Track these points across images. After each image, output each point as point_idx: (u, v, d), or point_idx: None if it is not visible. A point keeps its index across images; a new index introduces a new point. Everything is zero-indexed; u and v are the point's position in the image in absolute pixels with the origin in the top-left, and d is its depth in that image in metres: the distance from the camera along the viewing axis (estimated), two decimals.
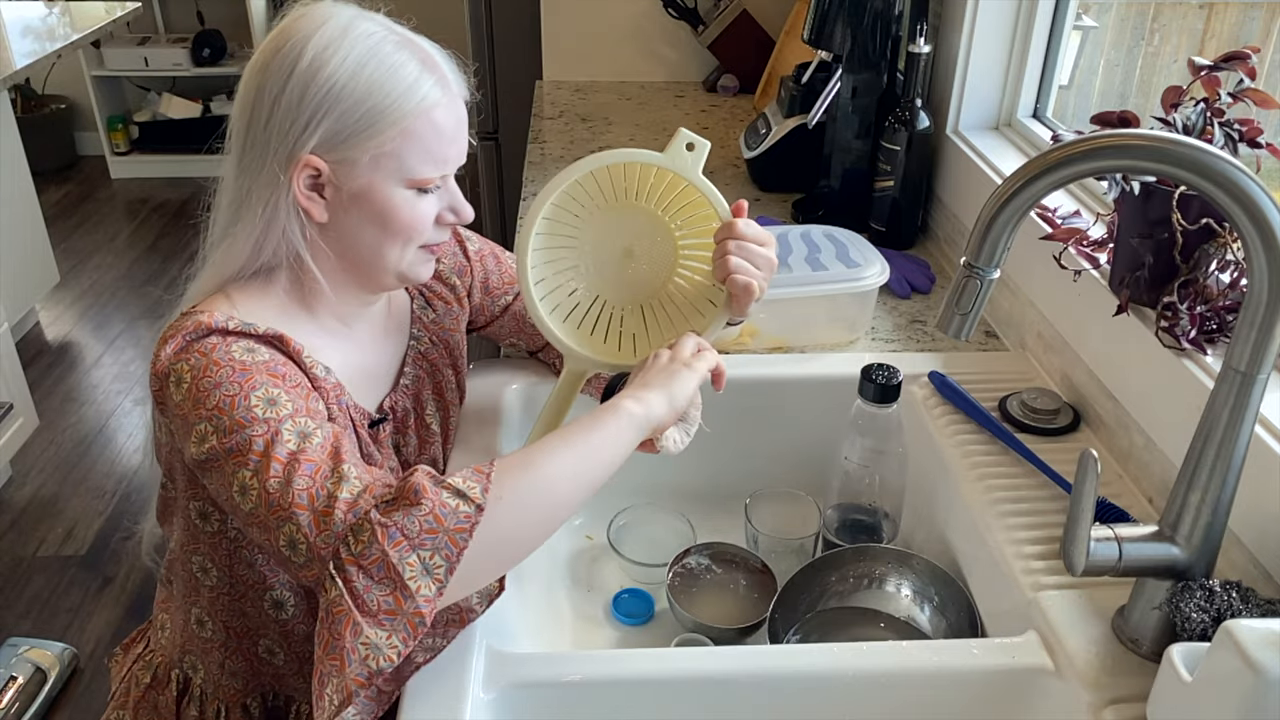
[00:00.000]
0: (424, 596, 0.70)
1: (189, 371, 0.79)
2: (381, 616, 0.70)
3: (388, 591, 0.70)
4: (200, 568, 0.92)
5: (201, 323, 0.81)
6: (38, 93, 4.42)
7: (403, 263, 0.89)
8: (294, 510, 0.73)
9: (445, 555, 0.71)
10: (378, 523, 0.71)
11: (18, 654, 1.98)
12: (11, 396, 2.52)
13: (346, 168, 0.83)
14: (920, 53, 1.41)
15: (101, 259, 3.81)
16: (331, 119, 0.81)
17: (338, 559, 0.71)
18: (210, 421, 0.77)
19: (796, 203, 1.64)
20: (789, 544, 1.08)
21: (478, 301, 1.09)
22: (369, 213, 0.85)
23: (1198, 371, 0.89)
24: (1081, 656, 0.79)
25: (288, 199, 0.83)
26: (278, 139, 0.82)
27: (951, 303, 0.77)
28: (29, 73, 2.81)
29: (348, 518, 0.73)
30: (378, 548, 0.70)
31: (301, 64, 0.81)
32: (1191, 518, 0.75)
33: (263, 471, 0.75)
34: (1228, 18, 1.32)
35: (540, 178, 1.77)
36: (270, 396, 0.79)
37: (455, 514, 0.72)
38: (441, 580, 0.71)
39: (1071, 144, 0.69)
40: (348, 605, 0.70)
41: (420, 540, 0.71)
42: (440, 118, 0.84)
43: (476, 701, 0.77)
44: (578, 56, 2.32)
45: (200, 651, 0.96)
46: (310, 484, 0.74)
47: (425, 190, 0.86)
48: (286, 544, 0.74)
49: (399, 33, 0.85)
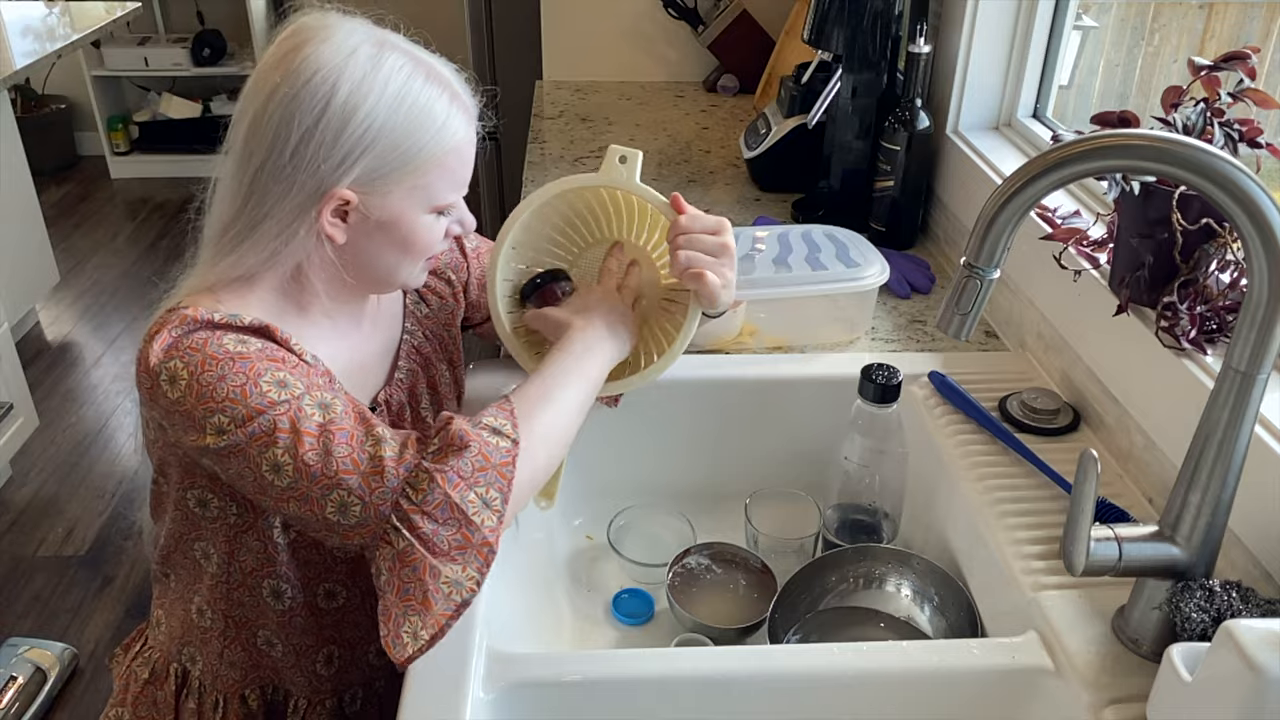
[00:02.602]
0: (489, 527, 0.77)
1: (185, 368, 0.79)
2: (454, 553, 0.76)
3: (455, 530, 0.76)
4: (203, 554, 0.92)
5: (187, 316, 0.81)
6: (38, 93, 4.42)
7: (411, 276, 0.92)
8: (341, 476, 0.77)
9: (499, 488, 0.78)
10: (434, 469, 0.77)
11: (18, 654, 1.98)
12: (11, 396, 2.52)
13: (378, 199, 0.85)
14: (920, 53, 1.41)
15: (101, 259, 3.81)
16: (369, 158, 0.82)
17: (399, 510, 0.76)
18: (225, 414, 0.78)
19: (796, 203, 1.64)
20: (789, 544, 1.08)
21: (474, 298, 1.09)
22: (394, 237, 0.88)
23: (1198, 371, 0.89)
24: (1081, 656, 0.79)
25: (309, 225, 0.84)
26: (307, 173, 0.81)
27: (951, 303, 0.77)
28: (29, 73, 2.81)
29: (400, 472, 0.78)
30: (440, 492, 0.76)
31: (336, 101, 0.80)
32: (1191, 518, 0.75)
33: (297, 447, 0.77)
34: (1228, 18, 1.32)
35: (540, 178, 1.77)
36: (278, 379, 0.80)
37: (498, 450, 0.79)
38: (499, 510, 0.78)
39: (1071, 144, 0.69)
40: (420, 552, 0.75)
41: (475, 479, 0.77)
42: (467, 150, 0.88)
43: (476, 701, 0.77)
44: (578, 56, 2.32)
45: (199, 642, 0.96)
46: (350, 450, 0.78)
47: (444, 212, 0.90)
48: (335, 509, 0.77)
49: (424, 62, 0.85)
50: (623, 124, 2.05)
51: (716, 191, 1.72)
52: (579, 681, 0.80)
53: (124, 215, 4.21)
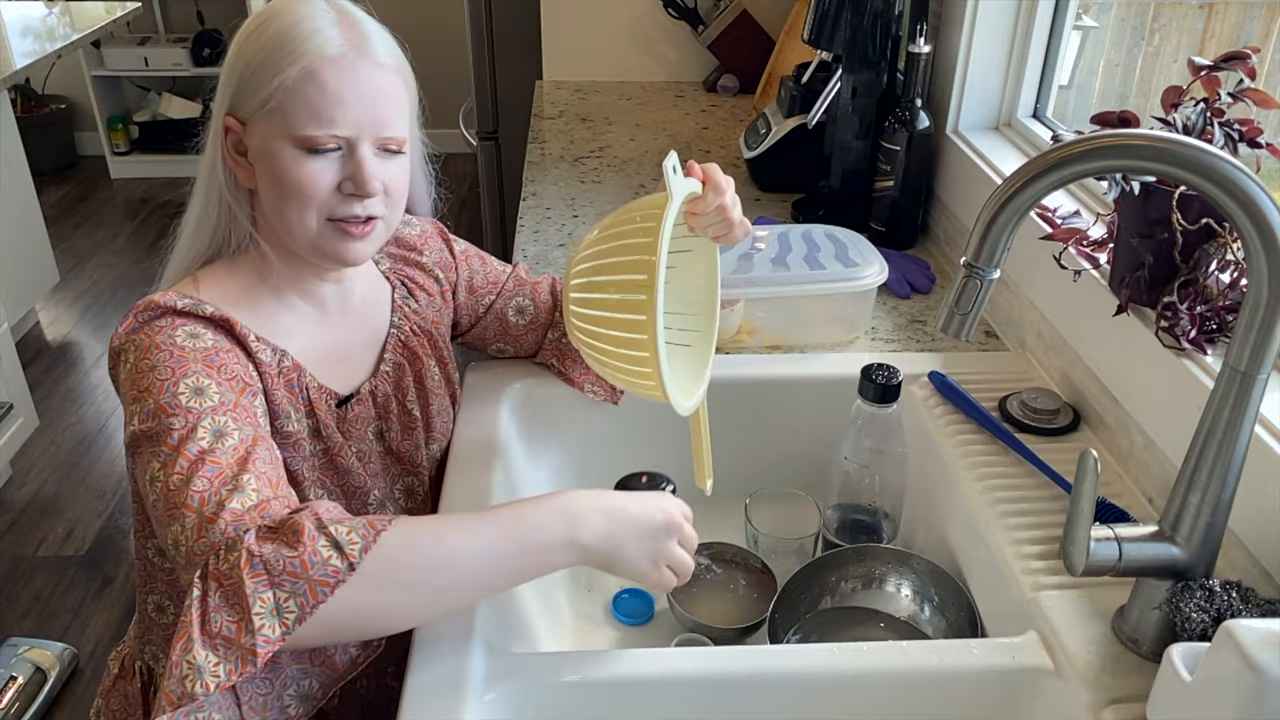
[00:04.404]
0: (264, 636, 0.67)
1: (134, 350, 0.81)
2: (218, 641, 0.68)
3: (233, 619, 0.68)
4: (156, 550, 0.92)
5: (153, 301, 0.83)
6: (38, 93, 4.42)
7: (309, 232, 0.86)
8: (184, 511, 0.73)
9: (300, 603, 0.68)
10: (247, 547, 0.69)
11: (18, 654, 1.98)
12: (11, 396, 2.52)
13: (250, 125, 0.85)
14: (920, 53, 1.41)
15: (101, 259, 3.81)
16: (236, 73, 0.85)
17: (204, 569, 0.70)
18: (139, 403, 0.78)
19: (796, 203, 1.64)
20: (789, 544, 1.08)
21: (462, 300, 1.09)
22: (267, 173, 0.85)
23: (1198, 371, 0.89)
24: (1081, 656, 0.79)
25: (223, 166, 0.87)
26: (215, 108, 0.87)
27: (951, 303, 0.77)
28: (29, 73, 2.81)
29: (228, 530, 0.71)
30: (237, 573, 0.68)
31: (236, 33, 0.86)
32: (1191, 518, 0.75)
33: (170, 466, 0.75)
34: (1228, 18, 1.32)
35: (540, 177, 1.77)
36: (199, 386, 0.79)
37: (324, 565, 0.69)
38: (289, 626, 0.68)
39: (1071, 144, 0.69)
40: (191, 617, 0.68)
41: (280, 580, 0.68)
42: (327, 72, 0.82)
43: (476, 701, 0.77)
44: (578, 56, 2.32)
45: (160, 641, 0.96)
46: (207, 486, 0.74)
47: (316, 151, 0.83)
48: (172, 542, 0.73)
49: (338, 5, 0.86)
50: (623, 124, 2.05)
51: None
52: (579, 681, 0.80)
53: (124, 215, 4.21)
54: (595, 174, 1.79)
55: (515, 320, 1.12)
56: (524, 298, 1.12)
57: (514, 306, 1.11)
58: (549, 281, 1.14)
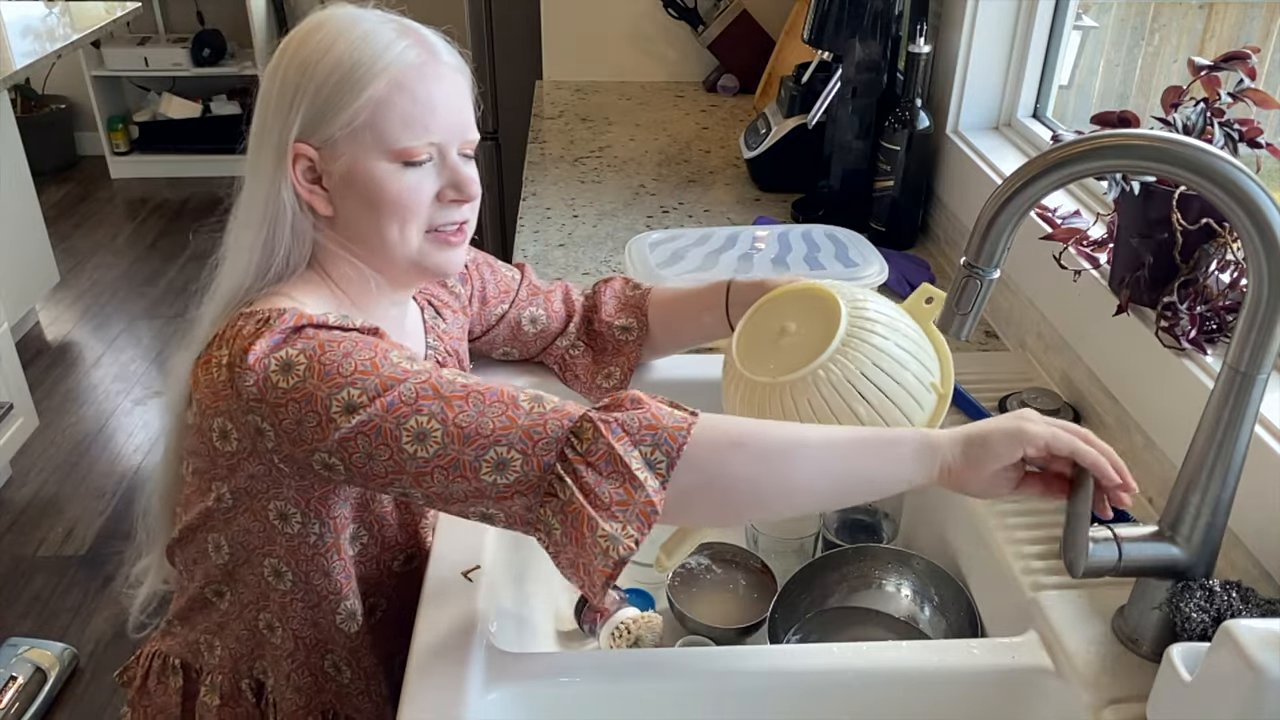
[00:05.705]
0: (652, 488, 0.71)
1: (301, 354, 0.75)
2: (614, 508, 0.70)
3: (618, 484, 0.71)
4: (274, 571, 0.86)
5: (303, 315, 0.78)
6: (38, 93, 4.42)
7: (410, 248, 0.85)
8: (499, 433, 0.73)
9: (665, 451, 0.72)
10: (599, 419, 0.72)
11: (18, 654, 1.98)
12: (11, 396, 2.52)
13: (330, 149, 0.81)
14: (920, 53, 1.41)
15: (101, 259, 3.81)
16: (307, 98, 0.80)
17: (564, 460, 0.72)
18: (356, 386, 0.74)
19: (796, 203, 1.64)
20: (789, 544, 1.08)
21: (475, 311, 1.08)
22: (360, 194, 0.82)
23: (1198, 371, 0.89)
24: (1081, 656, 0.80)
25: (290, 195, 0.82)
26: (271, 135, 0.82)
27: (951, 303, 0.77)
28: (29, 73, 2.81)
29: (564, 422, 0.73)
30: (603, 442, 0.71)
31: (285, 57, 0.81)
32: (1191, 518, 0.75)
33: (445, 411, 0.73)
34: (1228, 18, 1.32)
35: (540, 177, 1.77)
36: (407, 354, 0.78)
37: (673, 415, 0.73)
38: (663, 475, 0.72)
39: (1071, 144, 0.69)
40: (580, 502, 0.70)
41: (641, 436, 0.72)
42: (414, 81, 0.81)
43: (476, 701, 0.77)
44: (578, 56, 2.32)
45: (271, 657, 0.91)
46: (504, 407, 0.74)
47: (413, 163, 0.82)
48: (492, 469, 0.72)
49: (389, 17, 0.84)
50: (623, 124, 2.05)
51: (716, 192, 1.72)
52: (579, 681, 0.80)
53: (124, 215, 4.21)
54: (595, 174, 1.79)
55: (528, 329, 1.11)
56: (537, 307, 1.11)
57: (528, 316, 1.10)
58: (561, 290, 1.13)
